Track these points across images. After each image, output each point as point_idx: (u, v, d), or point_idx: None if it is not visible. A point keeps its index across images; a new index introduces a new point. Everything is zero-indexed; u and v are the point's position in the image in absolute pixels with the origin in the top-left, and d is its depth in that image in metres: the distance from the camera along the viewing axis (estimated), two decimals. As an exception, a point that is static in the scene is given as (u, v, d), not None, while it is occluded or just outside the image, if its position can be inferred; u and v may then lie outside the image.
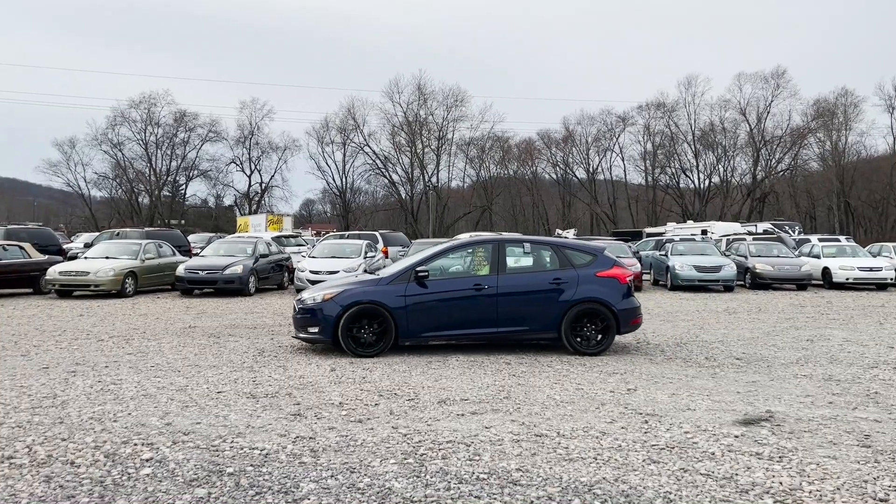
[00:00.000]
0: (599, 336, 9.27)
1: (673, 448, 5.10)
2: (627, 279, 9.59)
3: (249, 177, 71.75)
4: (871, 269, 22.68)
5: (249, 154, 71.06)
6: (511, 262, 9.61)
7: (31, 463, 4.72)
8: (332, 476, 4.48)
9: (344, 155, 71.85)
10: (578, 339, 9.24)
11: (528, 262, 9.83)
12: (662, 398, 6.76)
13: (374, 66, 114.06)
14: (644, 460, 4.82)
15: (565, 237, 38.24)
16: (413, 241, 24.96)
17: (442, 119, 68.88)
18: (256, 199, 71.49)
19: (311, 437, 5.34)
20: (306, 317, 9.28)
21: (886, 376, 7.92)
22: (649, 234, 40.35)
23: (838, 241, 29.04)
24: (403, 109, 68.61)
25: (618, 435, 5.44)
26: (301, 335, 9.43)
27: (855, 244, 27.56)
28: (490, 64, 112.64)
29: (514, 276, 9.44)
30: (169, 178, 70.73)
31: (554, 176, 77.24)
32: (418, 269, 9.25)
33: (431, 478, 4.45)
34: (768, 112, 65.71)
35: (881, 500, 4.07)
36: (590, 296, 9.27)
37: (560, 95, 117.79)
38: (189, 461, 4.76)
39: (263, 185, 71.81)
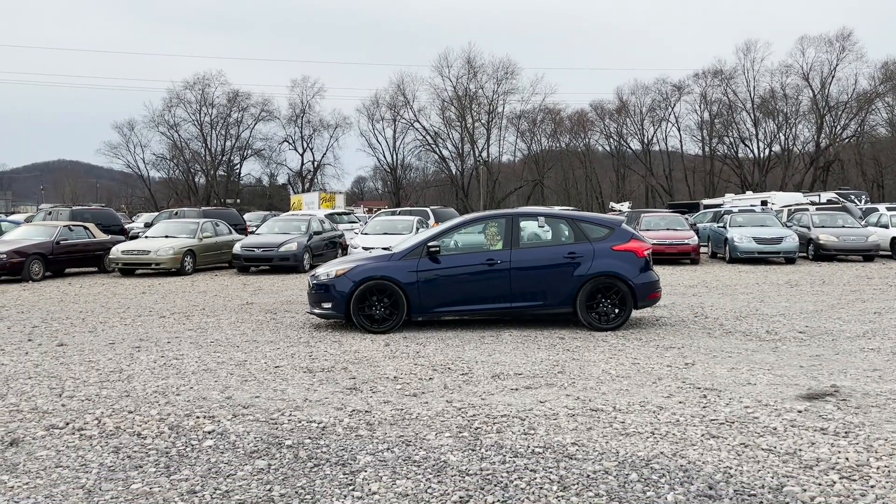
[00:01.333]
0: (616, 311, 9.13)
1: (733, 423, 4.99)
2: (645, 252, 9.37)
3: (302, 155, 72.72)
4: (943, 239, 21.66)
5: (301, 132, 71.94)
6: (525, 236, 9.52)
7: (101, 434, 4.90)
8: (388, 449, 4.53)
9: (394, 131, 72.11)
10: (595, 315, 9.09)
11: (542, 235, 9.70)
12: (721, 372, 6.62)
13: (424, 41, 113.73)
14: (703, 435, 4.73)
15: (619, 210, 37.67)
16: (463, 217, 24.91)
17: (492, 92, 68.39)
18: (309, 177, 72.42)
19: (366, 411, 5.41)
20: (320, 292, 9.33)
21: (961, 350, 7.58)
22: (706, 206, 39.39)
23: (908, 209, 27.78)
24: (453, 84, 68.34)
25: (675, 410, 5.35)
26: (315, 311, 9.50)
27: (926, 212, 26.33)
28: (541, 36, 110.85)
29: (527, 250, 9.33)
30: (224, 158, 72.18)
31: (607, 148, 75.99)
32: (430, 244, 9.20)
33: (486, 451, 4.46)
34: (833, 76, 63.05)
35: (956, 478, 3.91)
36: (606, 270, 9.12)
37: (614, 65, 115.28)
38: (249, 434, 4.87)
39: (316, 164, 72.68)
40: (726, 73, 66.81)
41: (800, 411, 5.25)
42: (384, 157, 73.67)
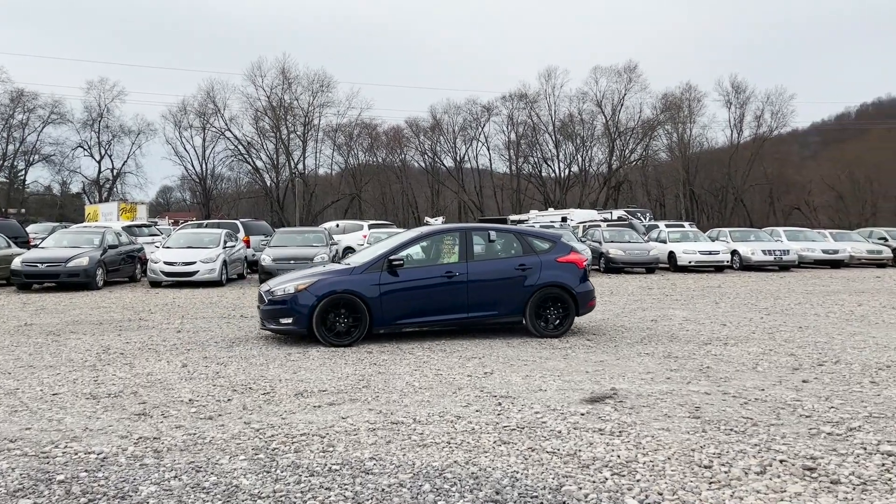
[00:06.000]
0: (559, 319, 9.72)
1: (523, 428, 5.28)
2: (584, 264, 10.12)
3: (99, 162, 67.06)
4: (710, 253, 24.56)
5: (98, 138, 66.34)
6: (478, 249, 9.88)
7: None
8: (175, 476, 4.28)
9: (204, 140, 68.71)
10: (542, 323, 9.66)
11: (494, 249, 10.10)
12: (517, 380, 6.98)
13: (235, 48, 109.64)
14: (495, 442, 4.96)
15: (434, 224, 38.69)
16: (276, 230, 24.31)
17: (308, 104, 67.37)
18: (108, 186, 67.00)
19: (155, 437, 5.07)
20: (278, 308, 9.18)
21: (717, 352, 8.60)
22: (513, 221, 41.57)
23: (682, 226, 31.20)
24: (267, 94, 66.47)
25: (472, 418, 5.56)
26: (271, 327, 9.32)
27: (697, 230, 29.77)
28: (356, 51, 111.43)
29: (482, 262, 9.74)
30: (5, 164, 64.77)
31: (422, 164, 77.82)
32: (392, 257, 9.36)
33: (282, 472, 4.36)
34: (622, 105, 69.41)
35: (705, 467, 4.40)
36: (552, 280, 9.73)
37: (428, 84, 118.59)
38: (14, 470, 4.38)
39: (115, 172, 67.37)
40: (530, 97, 71.23)
41: (582, 414, 5.67)
42: (193, 166, 70.01)
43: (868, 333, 9.98)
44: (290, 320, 9.09)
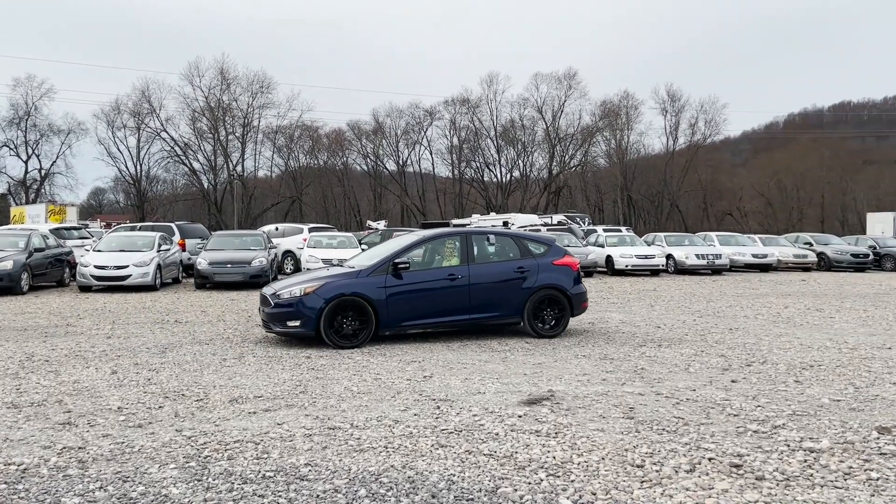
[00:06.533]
0: (555, 320, 10.07)
1: (461, 431, 5.29)
2: (577, 266, 10.50)
3: (26, 162, 64.39)
4: (646, 257, 25.15)
5: (26, 137, 63.75)
6: (478, 252, 10.12)
7: None
8: (101, 487, 4.13)
9: (138, 140, 66.70)
10: (540, 323, 9.98)
11: (493, 252, 10.35)
12: (456, 383, 7.00)
13: (172, 47, 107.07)
14: (432, 445, 4.95)
15: (376, 228, 38.46)
16: (213, 233, 23.79)
17: (247, 105, 66.23)
18: (35, 187, 64.41)
19: (80, 447, 4.89)
20: (284, 311, 9.18)
21: (652, 353, 8.80)
22: (455, 226, 41.73)
23: (620, 231, 31.87)
24: (205, 94, 65.07)
25: (410, 422, 5.54)
26: (277, 329, 9.34)
27: (633, 234, 30.42)
28: (298, 52, 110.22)
29: (482, 265, 9.98)
30: (-77, 162, 61.64)
31: (365, 167, 77.42)
32: (397, 261, 9.52)
33: (214, 480, 4.25)
34: (562, 111, 70.53)
35: (638, 466, 4.49)
36: (549, 282, 10.06)
37: (370, 87, 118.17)
38: (-75, 485, 4.15)
39: (43, 172, 64.83)
40: (473, 102, 71.71)
41: (520, 416, 5.72)
42: (126, 167, 67.89)
43: (793, 335, 10.37)
44: (297, 323, 9.12)
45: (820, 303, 15.24)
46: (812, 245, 30.24)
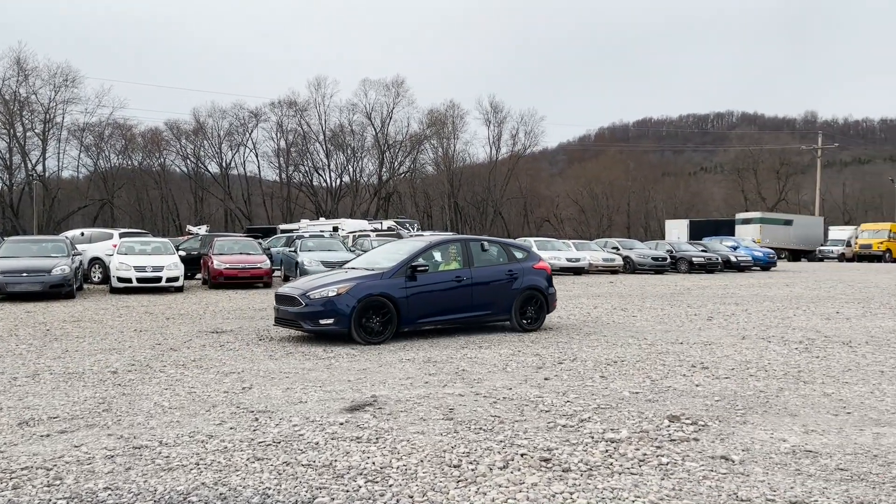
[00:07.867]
0: (536, 316, 11.39)
1: (279, 443, 5.14)
2: (550, 270, 11.98)
3: None
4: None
5: None
6: (476, 257, 11.22)
7: None
8: None
9: (-86, 134, 58.78)
10: (525, 320, 11.26)
11: (487, 256, 11.45)
12: (277, 394, 6.80)
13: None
14: (248, 459, 4.77)
15: (196, 233, 36.56)
16: (6, 239, 21.44)
17: (49, 100, 60.52)
18: None
19: None
20: (317, 310, 9.84)
21: (473, 354, 9.08)
22: (283, 231, 40.74)
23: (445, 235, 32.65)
24: (-2, 85, 58.62)
25: (225, 436, 5.30)
26: (307, 327, 9.96)
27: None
28: (109, 45, 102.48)
29: (482, 269, 11.13)
30: None
31: (185, 169, 73.54)
32: (414, 263, 10.45)
33: (-7, 515, 3.81)
34: (391, 118, 71.36)
35: (455, 466, 4.60)
36: (532, 284, 11.42)
37: (190, 85, 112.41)
38: None
39: None
40: (300, 105, 70.62)
41: (341, 423, 5.66)
42: None
43: (601, 333, 11.17)
44: (330, 321, 9.81)
45: (625, 303, 16.54)
46: (619, 249, 32.76)
